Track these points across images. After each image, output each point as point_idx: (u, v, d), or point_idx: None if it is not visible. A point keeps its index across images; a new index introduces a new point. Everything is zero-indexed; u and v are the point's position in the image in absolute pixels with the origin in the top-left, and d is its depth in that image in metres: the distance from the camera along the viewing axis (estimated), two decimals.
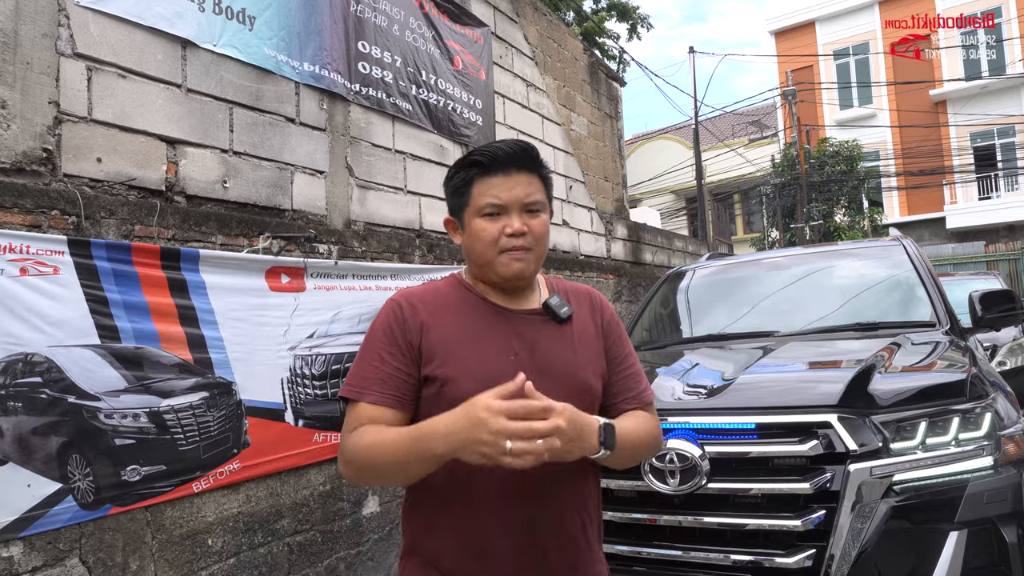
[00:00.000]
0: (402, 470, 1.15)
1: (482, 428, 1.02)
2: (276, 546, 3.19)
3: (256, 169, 3.41)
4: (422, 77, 4.67)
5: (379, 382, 1.22)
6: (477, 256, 1.29)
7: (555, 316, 1.32)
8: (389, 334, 1.25)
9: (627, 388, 1.38)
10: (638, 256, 8.05)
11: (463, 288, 1.33)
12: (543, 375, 1.22)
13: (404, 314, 1.26)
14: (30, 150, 2.52)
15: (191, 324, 2.86)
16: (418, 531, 1.28)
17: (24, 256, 2.36)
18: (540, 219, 1.28)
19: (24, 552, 2.31)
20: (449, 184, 1.33)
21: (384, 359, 1.23)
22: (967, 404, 2.17)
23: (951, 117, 20.76)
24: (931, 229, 20.79)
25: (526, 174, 1.27)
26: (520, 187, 1.26)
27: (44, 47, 2.58)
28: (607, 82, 8.04)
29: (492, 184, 1.25)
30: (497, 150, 1.26)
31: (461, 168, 1.29)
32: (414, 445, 1.11)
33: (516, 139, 1.30)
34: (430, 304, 1.28)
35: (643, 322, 4.04)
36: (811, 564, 2.01)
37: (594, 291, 1.47)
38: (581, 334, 1.35)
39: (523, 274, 1.27)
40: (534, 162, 1.28)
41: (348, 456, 1.21)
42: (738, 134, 24.51)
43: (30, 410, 2.34)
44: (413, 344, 1.24)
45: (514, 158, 1.26)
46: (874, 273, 3.64)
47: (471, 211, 1.27)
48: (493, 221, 1.25)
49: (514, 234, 1.24)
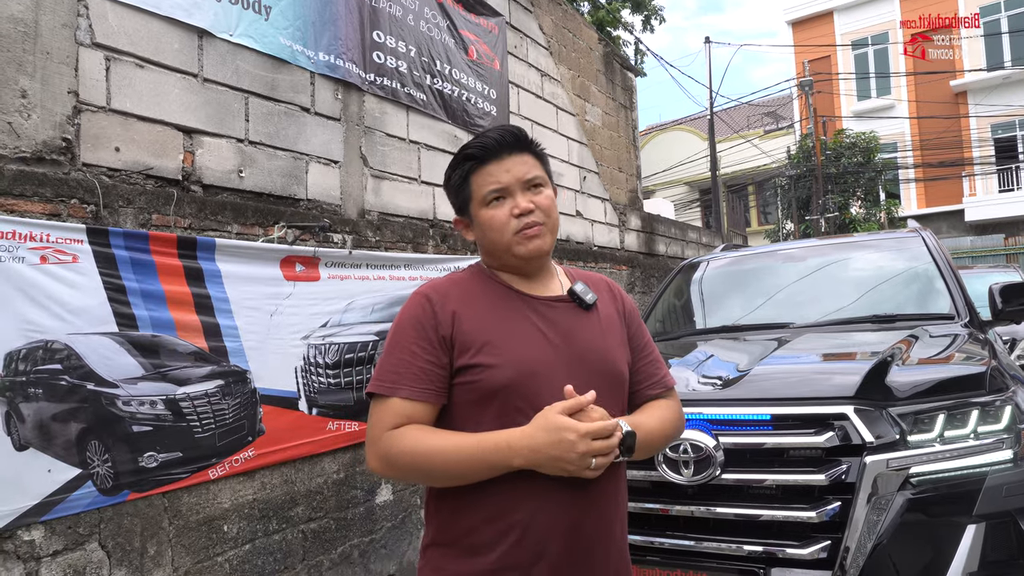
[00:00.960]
0: (462, 478, 1.18)
1: (569, 449, 1.10)
2: (291, 533, 3.22)
3: (271, 159, 3.43)
4: (436, 67, 4.67)
5: (412, 377, 1.21)
6: (493, 244, 1.30)
7: (581, 303, 1.33)
8: (419, 327, 1.24)
9: (650, 374, 1.41)
10: (652, 247, 8.01)
11: (486, 277, 1.34)
12: (581, 362, 1.26)
13: (434, 307, 1.25)
14: (50, 139, 2.54)
15: (207, 313, 2.88)
16: (448, 515, 1.24)
17: (44, 244, 2.39)
18: (544, 193, 1.30)
19: (45, 536, 2.35)
20: (449, 184, 1.34)
21: (416, 353, 1.22)
22: (987, 397, 2.14)
23: (972, 108, 20.44)
24: (949, 221, 20.53)
25: (519, 155, 1.29)
26: (516, 167, 1.28)
27: (64, 37, 2.60)
28: (622, 72, 7.99)
29: (489, 172, 1.27)
30: (486, 139, 1.28)
31: (456, 166, 1.31)
32: (488, 456, 1.14)
33: (502, 125, 1.33)
34: (458, 294, 1.28)
35: (656, 313, 4.03)
36: (826, 556, 2.01)
37: (611, 280, 1.49)
38: (607, 321, 1.36)
39: (541, 249, 1.28)
40: (524, 142, 1.30)
41: (390, 457, 1.20)
42: (753, 125, 24.28)
43: (50, 397, 2.38)
44: (445, 336, 1.23)
45: (504, 143, 1.28)
46: (892, 265, 3.60)
47: (476, 203, 1.29)
48: (499, 206, 1.27)
49: (523, 213, 1.26)
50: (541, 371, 1.22)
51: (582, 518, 1.20)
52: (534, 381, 1.21)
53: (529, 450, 1.12)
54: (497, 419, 1.19)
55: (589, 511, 1.22)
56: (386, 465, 1.21)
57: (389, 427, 1.20)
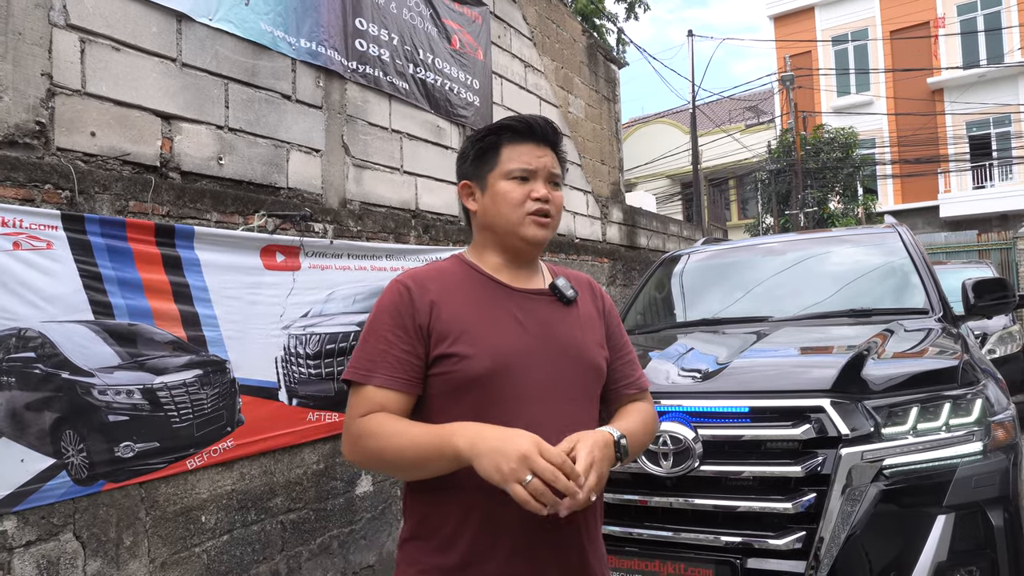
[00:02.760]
0: (416, 465, 1.16)
1: (516, 448, 1.04)
2: (269, 524, 3.21)
3: (252, 146, 3.38)
4: (419, 56, 4.63)
5: (387, 365, 1.21)
6: (500, 218, 1.30)
7: (562, 297, 1.34)
8: (396, 316, 1.24)
9: (627, 375, 1.42)
10: (633, 240, 8.05)
11: (468, 267, 1.34)
12: (559, 354, 1.26)
13: (412, 295, 1.24)
14: (23, 123, 2.48)
15: (185, 301, 2.85)
16: (423, 510, 1.25)
17: (17, 230, 2.34)
18: (559, 193, 1.34)
19: (18, 526, 2.31)
20: (475, 146, 1.34)
21: (391, 341, 1.22)
22: (958, 390, 2.19)
23: (948, 105, 20.76)
24: (925, 217, 20.86)
25: (551, 148, 1.33)
26: (548, 157, 1.31)
27: (37, 18, 2.54)
28: (605, 64, 7.99)
29: (523, 151, 1.29)
30: (532, 120, 1.31)
31: (491, 132, 1.32)
32: (435, 437, 1.12)
33: (538, 117, 1.35)
34: (437, 283, 1.28)
35: (637, 306, 4.05)
36: (801, 546, 2.04)
37: (592, 279, 1.50)
38: (587, 317, 1.37)
39: (544, 239, 1.31)
40: (557, 141, 1.34)
41: (358, 444, 1.19)
42: (735, 119, 24.44)
43: (24, 385, 2.34)
44: (422, 325, 1.22)
45: (544, 132, 1.31)
46: (869, 260, 3.66)
47: (497, 173, 1.30)
48: (520, 185, 1.29)
49: (540, 199, 1.28)
50: (517, 362, 1.22)
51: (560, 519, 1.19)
52: (510, 372, 1.21)
53: (476, 433, 1.09)
54: (472, 411, 1.18)
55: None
56: (354, 451, 1.22)
57: (361, 414, 1.20)
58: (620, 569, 2.22)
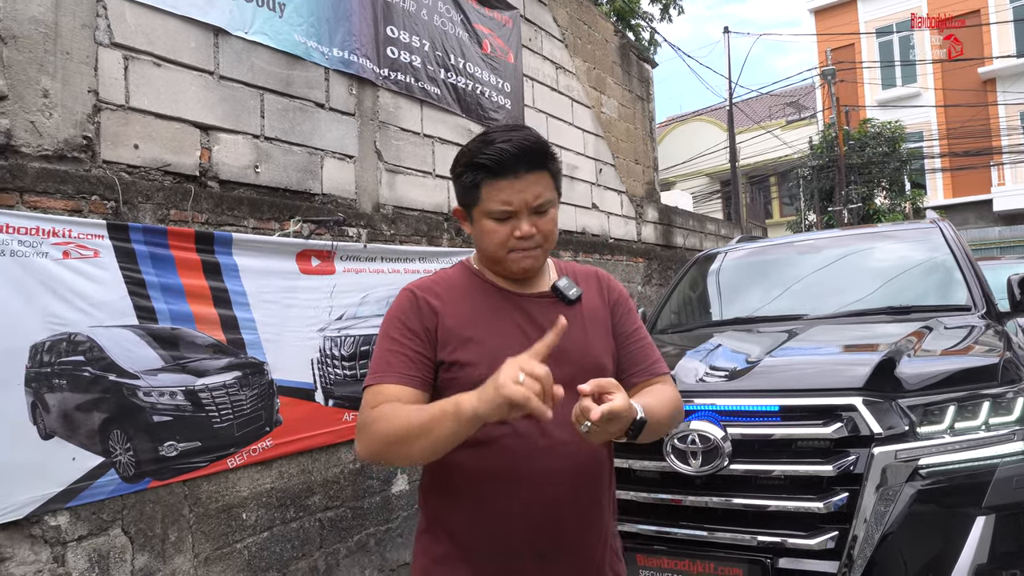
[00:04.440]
0: (423, 436, 1.12)
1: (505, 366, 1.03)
2: (308, 521, 3.29)
3: (287, 154, 3.48)
4: (450, 61, 4.69)
5: (400, 364, 1.24)
6: (487, 253, 1.31)
7: (564, 298, 1.34)
8: (404, 320, 1.28)
9: (637, 360, 1.40)
10: (669, 239, 7.98)
11: (472, 275, 1.36)
12: (558, 358, 1.21)
13: (418, 301, 1.29)
14: (71, 137, 2.61)
15: (224, 306, 2.95)
16: (435, 503, 1.31)
17: (67, 240, 2.46)
18: (548, 216, 1.27)
19: (71, 521, 2.43)
20: (457, 180, 1.30)
21: (402, 343, 1.26)
22: (999, 388, 2.13)
23: (1000, 96, 19.99)
24: (977, 212, 20.12)
25: (535, 173, 1.23)
26: (529, 190, 1.23)
27: (83, 37, 2.67)
28: (638, 64, 7.94)
29: (501, 188, 1.22)
30: (503, 153, 1.20)
31: (467, 169, 1.25)
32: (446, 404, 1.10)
33: (524, 133, 1.25)
34: (442, 292, 1.31)
35: (671, 305, 4.03)
36: (833, 546, 2.01)
37: (601, 271, 1.49)
38: (591, 314, 1.37)
39: (532, 269, 1.30)
40: (542, 159, 1.24)
41: (368, 431, 1.20)
42: (775, 116, 23.97)
43: (74, 387, 2.45)
44: (429, 329, 1.26)
45: (522, 159, 1.21)
46: (909, 256, 3.57)
47: (480, 210, 1.26)
48: (502, 224, 1.25)
49: (523, 236, 1.24)
50: None
51: (563, 508, 1.22)
52: None
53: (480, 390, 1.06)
54: None
55: (571, 501, 1.23)
56: (365, 441, 1.20)
57: (372, 407, 1.22)
58: (649, 567, 2.22)
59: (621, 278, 6.61)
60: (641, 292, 6.95)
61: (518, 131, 1.25)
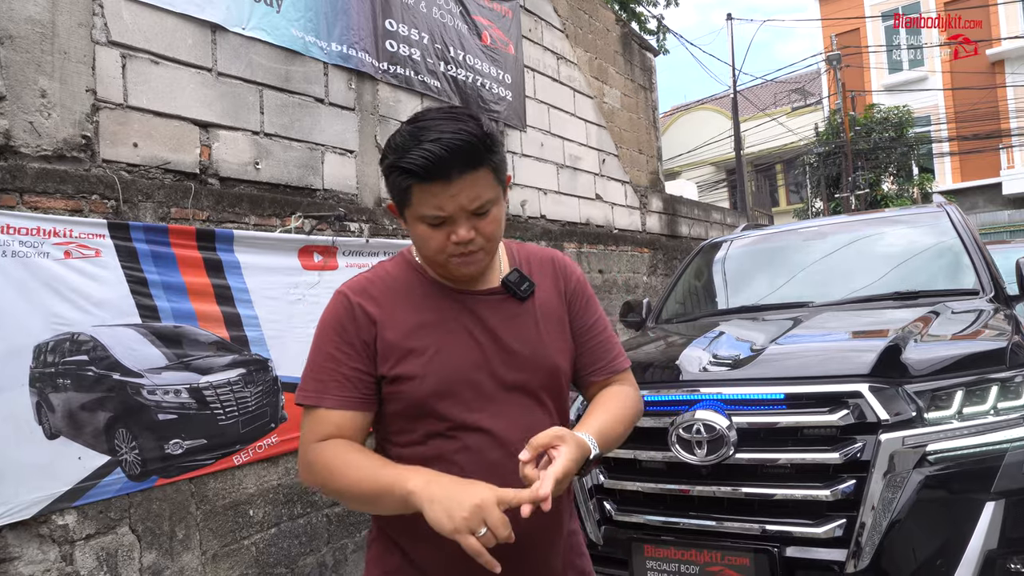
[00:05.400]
0: (367, 503, 1.10)
1: (471, 498, 0.97)
2: (315, 517, 3.29)
3: (287, 150, 3.47)
4: (450, 53, 4.66)
5: (337, 384, 1.14)
6: (425, 257, 1.19)
7: (515, 294, 1.23)
8: (340, 331, 1.16)
9: (596, 359, 1.31)
10: (674, 229, 7.94)
11: (414, 271, 1.23)
12: (509, 363, 1.18)
13: (354, 311, 1.16)
14: (70, 137, 2.61)
15: (227, 303, 2.94)
16: (385, 521, 1.22)
17: (68, 240, 2.46)
18: (490, 217, 1.13)
19: (78, 520, 2.44)
20: (387, 179, 1.14)
21: (339, 359, 1.15)
22: (1007, 372, 2.10)
23: (1009, 77, 19.75)
24: (986, 195, 19.93)
25: (471, 173, 1.07)
26: (464, 193, 1.08)
27: (80, 36, 2.66)
28: (640, 52, 7.89)
29: (432, 193, 1.07)
30: (429, 156, 1.04)
31: (394, 171, 1.10)
32: (389, 474, 1.05)
33: (456, 127, 1.07)
34: (379, 295, 1.19)
35: (676, 294, 4.01)
36: (841, 534, 1.99)
37: (558, 255, 1.36)
38: (545, 310, 1.26)
39: (476, 273, 1.19)
40: (480, 156, 1.08)
41: (312, 470, 1.13)
42: (780, 103, 23.80)
43: (78, 387, 2.46)
44: (367, 342, 1.15)
45: (454, 161, 1.05)
46: (916, 241, 3.53)
47: (412, 214, 1.12)
48: (437, 229, 1.11)
49: (461, 242, 1.11)
50: (466, 377, 1.15)
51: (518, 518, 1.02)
52: (458, 390, 1.14)
53: (432, 478, 1.02)
54: (426, 432, 1.15)
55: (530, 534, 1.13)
56: (309, 477, 1.15)
57: (317, 439, 1.14)
58: (656, 558, 2.21)
59: (626, 269, 6.58)
60: (646, 282, 6.92)
61: (450, 123, 1.08)
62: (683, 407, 2.25)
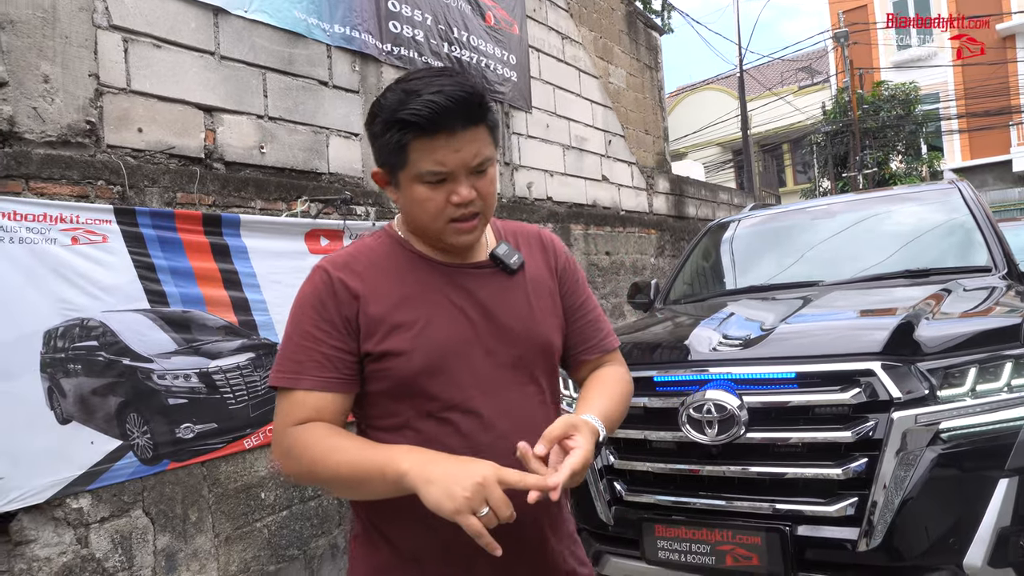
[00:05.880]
0: (352, 487, 1.05)
1: (472, 476, 0.92)
2: (326, 499, 3.32)
3: (292, 134, 3.45)
4: (454, 34, 4.61)
5: (315, 365, 1.07)
6: (420, 225, 1.12)
7: (505, 267, 1.18)
8: (319, 308, 1.09)
9: (587, 337, 1.29)
10: (681, 210, 7.89)
11: (398, 245, 1.17)
12: (501, 339, 1.13)
13: (334, 285, 1.09)
14: (74, 122, 2.59)
15: (235, 288, 2.94)
16: (371, 507, 1.14)
17: (74, 226, 2.46)
18: (488, 177, 1.09)
19: (93, 504, 2.46)
20: (377, 139, 1.08)
21: (318, 338, 1.08)
22: (1021, 349, 2.08)
23: (1020, 52, 19.47)
24: (996, 173, 19.74)
25: (473, 129, 1.04)
26: (467, 148, 1.04)
27: (81, 20, 2.64)
28: (646, 32, 7.80)
29: (435, 147, 1.03)
30: (435, 106, 1.00)
31: (393, 126, 1.04)
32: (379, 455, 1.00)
33: (456, 80, 1.05)
34: (362, 269, 1.12)
35: (684, 275, 3.99)
36: (853, 512, 1.99)
37: (544, 231, 1.33)
38: (536, 285, 1.22)
39: (474, 242, 1.14)
40: (481, 111, 1.05)
41: (290, 456, 1.06)
42: (787, 81, 23.56)
43: (89, 372, 2.47)
44: (349, 318, 1.08)
45: (458, 113, 1.02)
46: (927, 218, 3.49)
47: (408, 175, 1.06)
48: (437, 188, 1.06)
49: (462, 202, 1.06)
50: (456, 354, 1.09)
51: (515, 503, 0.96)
52: (448, 367, 1.08)
53: (428, 458, 0.97)
54: (415, 411, 1.09)
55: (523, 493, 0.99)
56: (286, 464, 1.08)
57: (294, 422, 1.07)
58: (667, 538, 2.21)
59: (633, 250, 6.56)
60: (654, 264, 6.89)
61: (447, 77, 1.05)
62: (693, 387, 2.24)
